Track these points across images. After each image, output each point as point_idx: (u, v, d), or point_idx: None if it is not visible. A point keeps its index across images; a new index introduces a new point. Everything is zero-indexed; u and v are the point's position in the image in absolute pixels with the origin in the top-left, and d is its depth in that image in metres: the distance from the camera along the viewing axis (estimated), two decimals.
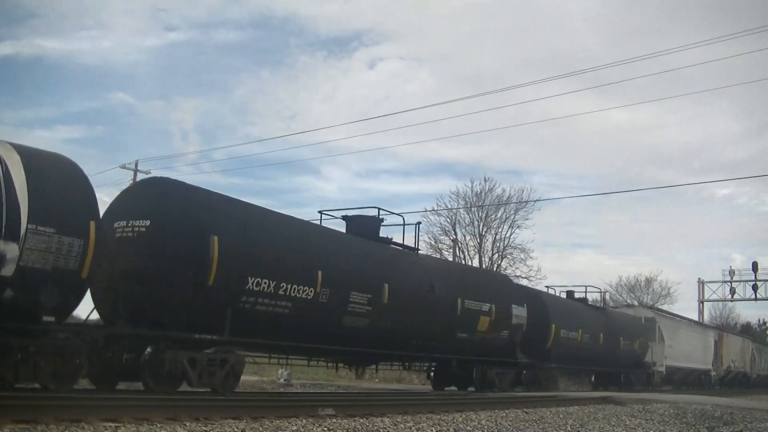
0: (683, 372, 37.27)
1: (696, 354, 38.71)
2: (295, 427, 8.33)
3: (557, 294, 26.42)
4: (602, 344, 25.37)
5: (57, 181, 9.51)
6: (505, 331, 19.00)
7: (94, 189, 10.17)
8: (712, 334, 43.93)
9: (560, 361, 22.49)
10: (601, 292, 31.60)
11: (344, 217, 15.82)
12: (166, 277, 10.73)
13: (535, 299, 21.80)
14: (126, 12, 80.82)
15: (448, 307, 16.70)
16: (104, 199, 11.79)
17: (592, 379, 28.08)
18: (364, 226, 15.63)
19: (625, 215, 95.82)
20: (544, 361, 21.53)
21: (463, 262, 37.89)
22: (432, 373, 19.27)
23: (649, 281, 62.53)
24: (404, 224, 16.43)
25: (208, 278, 11.01)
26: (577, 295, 27.65)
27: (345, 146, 78.30)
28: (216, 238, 11.16)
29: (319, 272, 12.93)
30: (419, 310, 15.63)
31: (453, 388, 18.91)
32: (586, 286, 29.32)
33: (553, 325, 21.82)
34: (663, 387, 32.35)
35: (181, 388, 11.29)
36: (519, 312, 19.64)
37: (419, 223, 17.30)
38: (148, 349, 10.60)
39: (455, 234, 41.57)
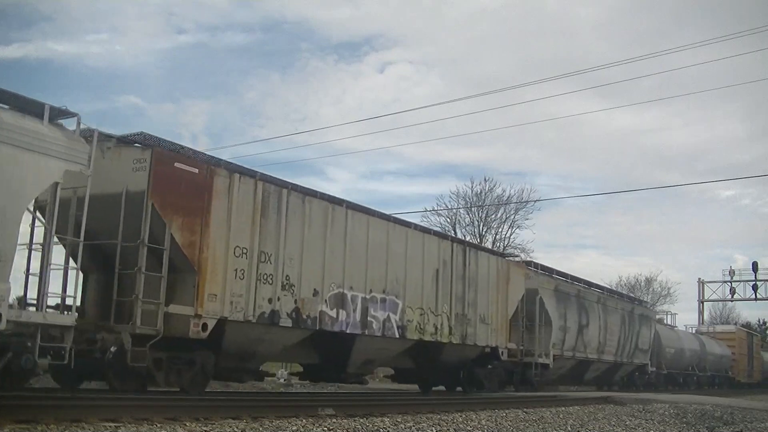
0: None
1: None
2: (295, 427, 8.34)
3: None
4: None
5: None
6: None
7: None
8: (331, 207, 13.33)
9: None
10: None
11: None
12: None
13: None
14: (140, 16, 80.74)
15: None
16: None
17: None
18: None
19: (628, 216, 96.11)
20: None
21: None
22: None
23: (649, 281, 62.40)
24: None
25: None
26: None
27: (350, 147, 78.09)
28: None
29: None
30: None
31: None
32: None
33: None
34: None
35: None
36: None
37: None
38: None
39: (455, 234, 41.54)
